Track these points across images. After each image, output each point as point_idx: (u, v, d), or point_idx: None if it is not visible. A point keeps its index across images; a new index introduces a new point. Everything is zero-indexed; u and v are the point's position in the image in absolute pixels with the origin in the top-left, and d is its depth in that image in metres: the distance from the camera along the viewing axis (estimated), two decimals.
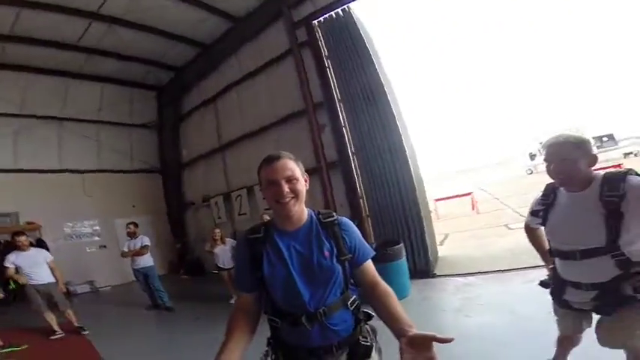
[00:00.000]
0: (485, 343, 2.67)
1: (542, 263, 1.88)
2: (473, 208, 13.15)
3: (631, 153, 23.09)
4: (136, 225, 5.82)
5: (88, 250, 8.49)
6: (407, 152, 5.32)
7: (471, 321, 3.25)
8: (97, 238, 8.66)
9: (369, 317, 1.27)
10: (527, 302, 3.09)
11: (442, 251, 6.30)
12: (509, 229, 8.11)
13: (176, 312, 5.41)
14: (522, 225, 1.94)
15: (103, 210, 8.65)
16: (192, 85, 9.02)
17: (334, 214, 1.28)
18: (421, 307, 3.88)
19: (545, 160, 1.55)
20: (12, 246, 4.82)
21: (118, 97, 8.95)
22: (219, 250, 5.36)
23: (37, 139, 7.80)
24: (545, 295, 1.74)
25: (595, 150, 1.50)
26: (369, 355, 1.22)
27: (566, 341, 1.82)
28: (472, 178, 45.58)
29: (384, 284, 1.22)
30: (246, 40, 7.39)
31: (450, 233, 8.88)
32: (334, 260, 1.19)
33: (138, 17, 6.63)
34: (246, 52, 7.52)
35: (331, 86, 5.95)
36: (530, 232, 1.88)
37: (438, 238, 7.46)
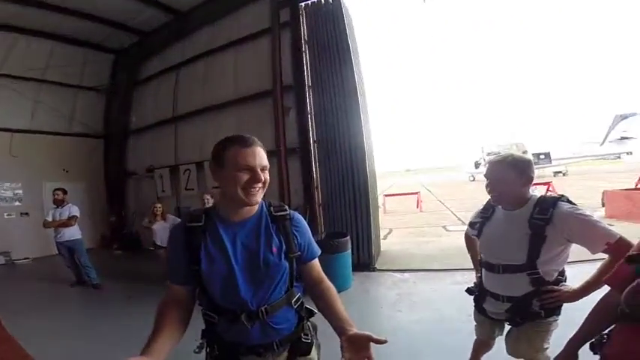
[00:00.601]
0: (413, 339, 2.86)
1: (471, 267, 2.01)
2: (417, 207, 13.93)
3: (560, 172, 26.18)
4: (64, 192, 5.22)
5: (6, 217, 7.55)
6: (366, 147, 5.43)
7: (403, 316, 3.44)
8: (17, 204, 7.73)
9: (311, 314, 1.24)
10: (452, 303, 3.32)
11: (385, 245, 6.59)
12: (447, 230, 8.70)
13: (104, 290, 5.03)
14: (459, 228, 2.07)
15: (29, 173, 7.75)
16: (156, 51, 8.39)
17: (287, 207, 1.21)
18: (360, 300, 4.02)
19: (485, 176, 1.64)
20: None
21: (69, 57, 8.02)
22: (158, 226, 4.97)
23: None
24: (469, 299, 1.87)
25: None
26: (309, 352, 1.21)
27: (481, 345, 1.97)
28: (420, 178, 48.14)
29: (327, 282, 1.23)
30: (225, 12, 6.99)
31: (394, 228, 9.30)
32: (282, 257, 1.13)
33: None
34: (223, 24, 7.11)
35: (304, 71, 5.84)
36: (468, 240, 2.01)
37: (383, 232, 7.79)
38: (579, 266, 1.85)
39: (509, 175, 1.52)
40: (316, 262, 1.26)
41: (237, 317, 1.09)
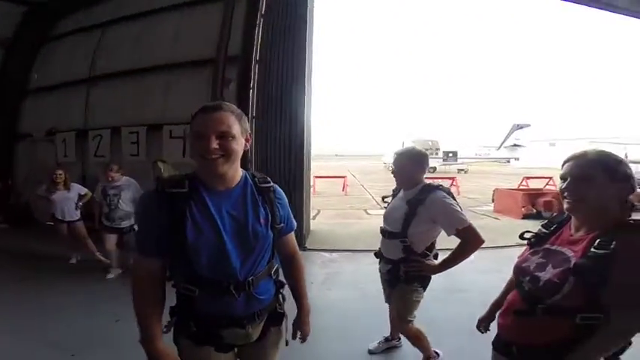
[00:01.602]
0: (340, 316, 3.04)
1: None
2: (343, 190, 14.56)
3: (463, 170, 30.28)
4: None
5: None
6: (305, 129, 5.48)
7: (332, 294, 3.65)
8: None
9: (283, 285, 1.28)
10: (373, 281, 3.58)
11: (313, 225, 6.76)
12: (368, 214, 9.31)
13: None
14: (379, 212, 2.40)
15: None
16: (80, 6, 7.27)
17: (269, 179, 1.20)
18: None
19: (392, 164, 2.04)
20: None
21: None
22: (59, 196, 4.29)
23: None
24: None
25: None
26: (281, 322, 1.27)
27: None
28: (347, 163, 50.18)
29: (299, 255, 1.34)
30: None
31: (322, 209, 9.59)
32: (269, 228, 1.13)
33: None
34: None
35: (254, 45, 5.60)
36: None
37: (312, 213, 7.98)
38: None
39: (406, 164, 1.95)
40: (292, 236, 1.33)
41: (224, 289, 1.05)
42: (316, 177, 15.14)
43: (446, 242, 1.98)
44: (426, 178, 2.00)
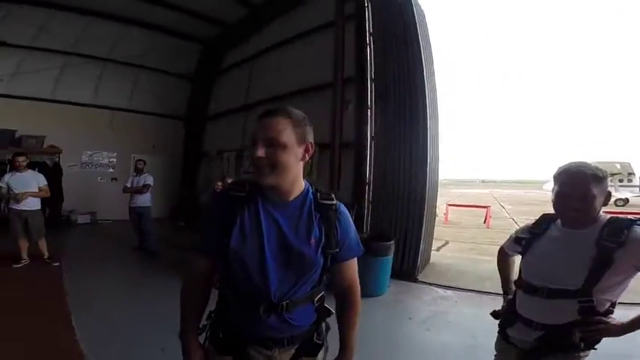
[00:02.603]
0: None
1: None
2: (485, 222, 12.83)
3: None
4: (144, 162, 5.91)
5: (100, 180, 8.85)
6: (429, 150, 5.04)
7: (429, 336, 3.17)
8: (110, 170, 9.03)
9: (329, 314, 1.15)
10: (493, 331, 2.97)
11: (435, 257, 6.16)
12: None
13: (160, 258, 5.37)
14: None
15: (123, 145, 9.02)
16: (236, 43, 9.11)
17: (334, 196, 1.09)
18: (389, 309, 3.80)
19: (560, 190, 1.37)
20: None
21: (164, 45, 9.05)
22: None
23: (80, 76, 8.25)
24: None
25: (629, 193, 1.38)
26: (316, 353, 1.12)
27: None
28: (495, 191, 44.03)
29: (356, 292, 1.16)
30: (293, 5, 7.25)
31: (452, 241, 8.68)
32: (319, 251, 1.01)
33: None
34: (291, 17, 7.39)
35: (367, 65, 5.68)
36: (504, 256, 1.78)
37: (437, 244, 7.31)
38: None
39: (595, 190, 1.29)
40: (353, 264, 1.14)
41: (254, 306, 0.99)
42: (450, 205, 13.91)
43: None
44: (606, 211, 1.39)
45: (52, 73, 7.91)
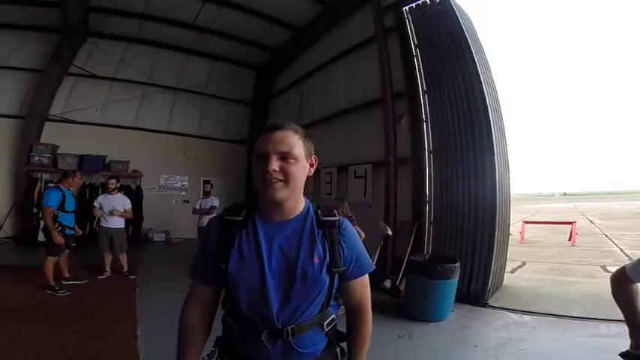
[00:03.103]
0: None
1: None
2: (570, 239, 11.30)
3: None
4: (211, 185, 6.41)
5: (174, 202, 9.71)
6: (497, 161, 4.60)
7: None
8: (183, 193, 9.87)
9: (342, 339, 1.09)
10: (578, 358, 2.56)
11: (510, 279, 5.53)
12: (607, 271, 6.75)
13: None
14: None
15: (194, 169, 9.84)
16: (284, 66, 9.55)
17: (336, 212, 1.05)
18: (452, 335, 3.44)
19: None
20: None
21: (223, 74, 9.90)
22: None
23: (156, 104, 9.30)
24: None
25: None
26: None
27: None
28: (579, 204, 38.72)
29: (367, 310, 1.09)
30: (333, 24, 7.37)
31: (530, 262, 7.79)
32: (324, 270, 0.96)
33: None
34: (332, 36, 7.51)
35: (416, 76, 5.48)
36: (624, 283, 1.33)
37: (512, 265, 6.63)
38: None
39: None
40: (364, 282, 1.08)
41: (257, 332, 0.94)
42: (526, 222, 12.56)
43: None
44: None
45: (133, 102, 8.96)
